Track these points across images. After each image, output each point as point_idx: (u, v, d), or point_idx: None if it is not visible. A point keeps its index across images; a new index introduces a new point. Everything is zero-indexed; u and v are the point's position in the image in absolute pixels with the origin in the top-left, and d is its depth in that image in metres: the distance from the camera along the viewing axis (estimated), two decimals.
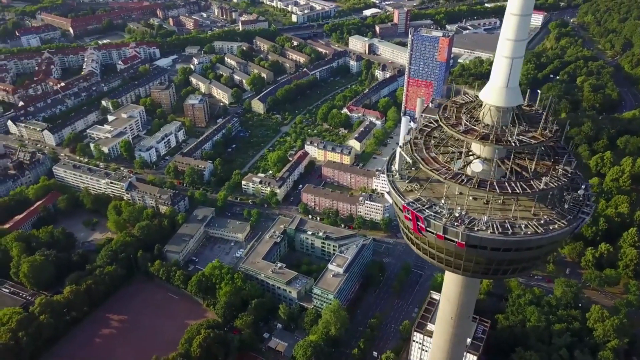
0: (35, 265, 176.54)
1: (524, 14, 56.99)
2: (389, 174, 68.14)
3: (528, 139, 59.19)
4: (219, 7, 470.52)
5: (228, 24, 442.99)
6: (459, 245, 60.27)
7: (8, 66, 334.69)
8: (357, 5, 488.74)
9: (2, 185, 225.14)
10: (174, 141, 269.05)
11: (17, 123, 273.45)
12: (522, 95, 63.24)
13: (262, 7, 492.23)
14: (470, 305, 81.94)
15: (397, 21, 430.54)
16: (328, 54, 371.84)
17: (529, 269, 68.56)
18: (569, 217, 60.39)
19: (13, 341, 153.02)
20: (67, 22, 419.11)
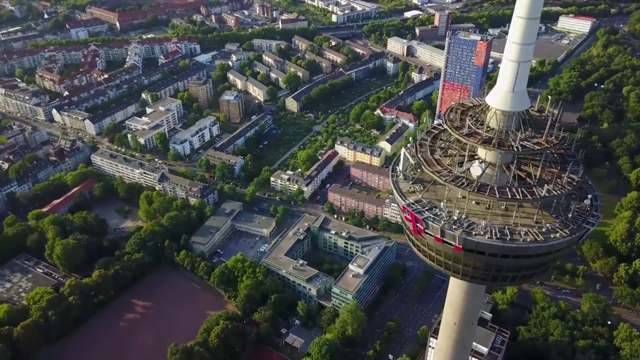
0: (68, 249, 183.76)
1: (531, 17, 55.93)
2: (393, 174, 68.08)
3: (532, 145, 58.06)
4: (260, 5, 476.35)
5: (268, 22, 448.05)
6: (456, 248, 59.67)
7: (57, 57, 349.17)
8: (398, 7, 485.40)
9: (43, 171, 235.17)
10: (208, 135, 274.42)
11: (61, 112, 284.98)
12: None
13: (303, 7, 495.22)
14: (474, 312, 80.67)
15: (438, 24, 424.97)
16: (365, 54, 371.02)
17: (530, 277, 67.07)
18: (571, 227, 58.84)
19: (43, 319, 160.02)
20: (114, 16, 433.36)
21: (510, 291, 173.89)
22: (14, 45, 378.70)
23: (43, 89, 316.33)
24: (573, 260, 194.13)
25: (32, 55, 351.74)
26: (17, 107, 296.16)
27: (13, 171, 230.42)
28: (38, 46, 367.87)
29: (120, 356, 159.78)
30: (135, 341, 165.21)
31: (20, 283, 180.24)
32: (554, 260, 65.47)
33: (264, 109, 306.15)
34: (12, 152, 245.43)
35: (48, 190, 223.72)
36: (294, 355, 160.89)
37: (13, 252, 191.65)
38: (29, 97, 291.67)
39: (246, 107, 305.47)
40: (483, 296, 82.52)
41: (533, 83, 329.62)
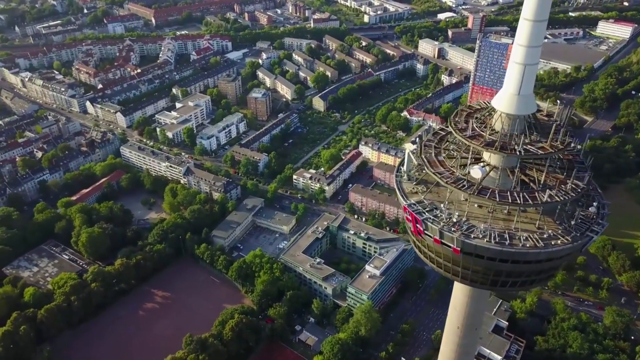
0: (93, 237, 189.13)
1: (537, 19, 54.91)
2: (397, 174, 67.86)
3: (535, 149, 56.99)
4: (293, 4, 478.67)
5: (300, 21, 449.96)
6: (454, 251, 59.15)
7: (93, 51, 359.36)
8: (431, 9, 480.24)
9: (74, 161, 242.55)
10: (235, 132, 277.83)
11: (95, 104, 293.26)
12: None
13: (336, 6, 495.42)
14: (477, 316, 79.58)
15: (472, 26, 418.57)
16: (395, 55, 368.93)
17: (532, 283, 65.78)
18: (574, 234, 57.50)
19: (66, 304, 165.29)
20: (150, 12, 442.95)
21: (529, 300, 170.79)
22: (54, 38, 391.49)
23: (79, 81, 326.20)
24: (598, 272, 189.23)
25: (70, 48, 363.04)
26: (53, 99, 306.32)
27: (46, 160, 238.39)
28: (76, 40, 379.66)
29: (138, 344, 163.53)
30: (152, 330, 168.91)
31: (46, 268, 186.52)
32: (557, 267, 64.03)
33: (291, 107, 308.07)
34: (46, 141, 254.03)
35: (78, 180, 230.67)
36: (306, 352, 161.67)
37: (42, 237, 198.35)
38: (65, 89, 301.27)
39: (274, 105, 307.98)
40: (487, 301, 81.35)
41: (567, 89, 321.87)
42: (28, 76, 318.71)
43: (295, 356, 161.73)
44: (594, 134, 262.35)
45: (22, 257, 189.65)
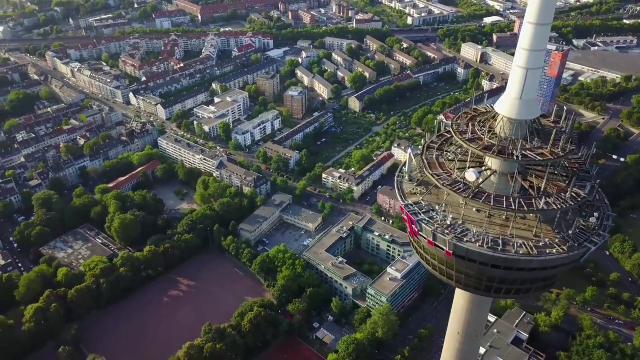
0: (125, 223, 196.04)
1: (541, 23, 53.75)
2: (399, 174, 67.77)
3: (533, 155, 55.79)
4: (337, 4, 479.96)
5: (343, 21, 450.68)
6: (446, 253, 58.65)
7: (140, 44, 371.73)
8: (477, 12, 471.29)
9: (113, 149, 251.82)
10: (270, 128, 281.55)
11: (137, 95, 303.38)
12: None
13: (380, 7, 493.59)
14: (478, 324, 78.20)
15: (518, 31, 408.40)
16: (436, 58, 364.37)
17: (527, 291, 64.04)
18: (570, 244, 55.93)
19: (95, 285, 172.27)
20: (197, 8, 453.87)
21: (555, 314, 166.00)
22: (104, 31, 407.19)
23: (124, 73, 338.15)
24: (633, 290, 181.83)
25: (118, 41, 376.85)
26: (99, 89, 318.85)
27: (87, 147, 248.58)
28: (125, 33, 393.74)
29: (159, 328, 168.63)
30: (175, 316, 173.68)
31: (80, 250, 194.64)
32: (553, 276, 62.33)
33: (326, 106, 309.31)
34: (89, 129, 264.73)
35: (116, 168, 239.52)
36: (322, 350, 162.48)
37: (78, 221, 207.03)
38: (110, 80, 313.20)
39: (310, 103, 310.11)
40: (489, 308, 79.86)
41: (614, 99, 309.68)
42: (77, 66, 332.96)
43: (311, 353, 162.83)
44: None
45: (59, 239, 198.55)
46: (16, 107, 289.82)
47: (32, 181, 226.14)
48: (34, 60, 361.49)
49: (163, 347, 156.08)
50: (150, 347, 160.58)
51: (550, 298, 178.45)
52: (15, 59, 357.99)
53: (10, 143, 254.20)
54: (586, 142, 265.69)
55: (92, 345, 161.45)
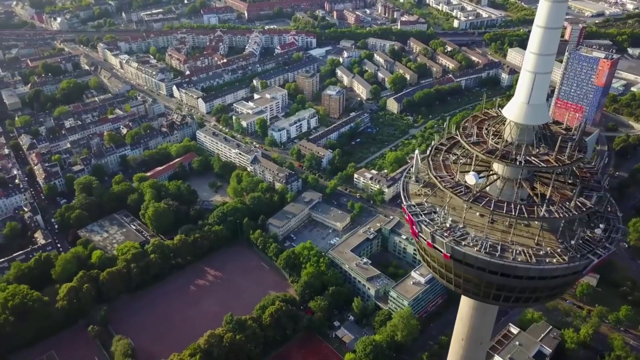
0: (159, 212, 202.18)
1: (550, 27, 52.34)
2: (406, 175, 67.44)
3: (537, 162, 54.39)
4: (383, 5, 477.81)
5: (388, 22, 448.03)
6: (444, 256, 58.01)
7: (186, 39, 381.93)
8: (528, 17, 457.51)
9: (153, 140, 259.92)
10: (306, 126, 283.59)
11: (180, 89, 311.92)
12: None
13: (426, 9, 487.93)
14: (482, 331, 76.62)
15: (569, 38, 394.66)
16: (480, 63, 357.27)
17: (527, 301, 62.29)
18: (571, 255, 54.21)
19: (126, 270, 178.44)
20: (244, 6, 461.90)
21: (584, 331, 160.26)
22: (154, 25, 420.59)
23: (169, 66, 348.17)
24: None
25: (166, 35, 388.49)
26: (145, 81, 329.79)
27: (129, 136, 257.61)
28: (173, 28, 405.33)
29: (184, 316, 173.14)
30: (200, 305, 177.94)
31: (115, 235, 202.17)
32: (555, 287, 60.31)
33: (364, 107, 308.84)
34: (132, 119, 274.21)
35: (154, 158, 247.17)
36: (341, 349, 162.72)
37: (115, 207, 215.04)
38: (156, 73, 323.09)
39: (348, 103, 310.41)
40: (493, 317, 78.20)
41: None
42: (126, 58, 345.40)
43: (330, 351, 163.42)
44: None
45: (96, 223, 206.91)
46: (67, 95, 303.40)
47: (75, 166, 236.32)
48: (87, 51, 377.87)
49: (186, 334, 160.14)
50: (174, 333, 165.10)
51: (581, 314, 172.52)
52: (70, 50, 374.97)
53: (59, 129, 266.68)
54: (634, 154, 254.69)
55: (119, 326, 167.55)
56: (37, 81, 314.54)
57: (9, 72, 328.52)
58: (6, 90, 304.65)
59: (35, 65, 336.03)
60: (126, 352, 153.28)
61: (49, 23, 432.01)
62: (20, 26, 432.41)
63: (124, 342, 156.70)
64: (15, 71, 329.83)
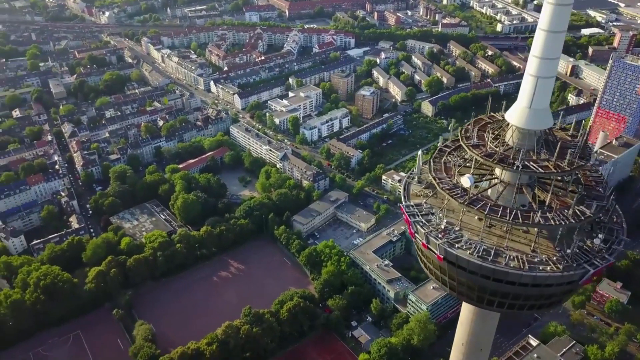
0: (187, 203, 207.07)
1: (553, 30, 51.10)
2: (409, 175, 67.17)
3: (535, 167, 53.18)
4: (425, 7, 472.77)
5: (429, 24, 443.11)
6: (438, 258, 57.54)
7: (227, 36, 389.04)
8: (576, 22, 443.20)
9: (188, 133, 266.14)
10: (338, 126, 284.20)
11: (217, 84, 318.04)
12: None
13: (470, 12, 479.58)
14: (483, 336, 75.16)
15: (618, 45, 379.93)
16: (521, 68, 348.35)
17: (522, 308, 60.79)
18: (566, 264, 52.72)
19: (152, 257, 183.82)
20: (286, 4, 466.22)
21: (609, 349, 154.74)
22: (197, 21, 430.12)
23: (209, 62, 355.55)
24: None
25: (207, 32, 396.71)
26: (184, 75, 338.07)
27: (165, 129, 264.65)
28: (214, 24, 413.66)
29: (205, 306, 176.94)
30: (221, 296, 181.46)
31: (144, 223, 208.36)
32: (551, 296, 58.64)
33: (398, 108, 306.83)
34: (169, 112, 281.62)
35: (188, 150, 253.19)
36: (356, 349, 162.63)
37: (147, 196, 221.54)
38: (195, 68, 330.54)
39: (382, 104, 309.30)
40: (495, 323, 76.55)
41: None
42: (167, 53, 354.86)
43: (345, 350, 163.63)
44: None
45: (127, 211, 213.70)
46: (109, 86, 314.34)
47: (112, 155, 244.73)
48: (131, 44, 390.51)
49: (205, 324, 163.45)
50: (194, 322, 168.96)
51: (608, 331, 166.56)
52: (115, 43, 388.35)
53: (99, 119, 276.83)
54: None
55: (142, 312, 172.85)
56: (83, 72, 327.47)
57: (57, 62, 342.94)
58: (53, 79, 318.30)
59: (81, 57, 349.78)
60: (147, 336, 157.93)
61: (97, 17, 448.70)
62: (71, 19, 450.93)
63: (145, 327, 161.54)
64: (63, 62, 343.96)
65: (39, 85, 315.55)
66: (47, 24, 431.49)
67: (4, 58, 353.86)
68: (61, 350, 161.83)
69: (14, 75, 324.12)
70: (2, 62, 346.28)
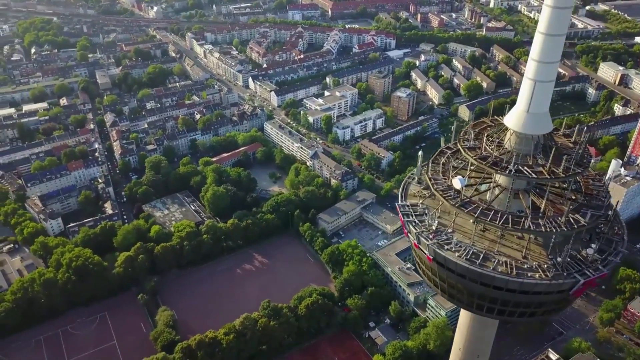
0: (217, 195, 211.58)
1: (551, 33, 49.79)
2: (410, 175, 66.92)
3: (528, 171, 52.02)
4: (470, 10, 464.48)
5: (473, 27, 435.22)
6: (428, 259, 57.16)
7: (268, 33, 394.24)
8: (630, 30, 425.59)
9: (223, 127, 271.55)
10: (371, 127, 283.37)
11: (255, 81, 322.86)
12: None
13: (517, 16, 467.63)
14: (480, 343, 73.75)
15: None
16: (566, 75, 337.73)
17: (512, 315, 59.36)
18: (555, 272, 51.33)
19: (179, 246, 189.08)
20: (329, 4, 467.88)
21: None
22: (241, 19, 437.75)
23: (249, 59, 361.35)
24: None
25: (250, 29, 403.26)
26: (224, 71, 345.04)
27: (201, 122, 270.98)
28: (257, 22, 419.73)
29: (226, 297, 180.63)
30: (243, 288, 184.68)
31: (175, 213, 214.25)
32: (542, 304, 56.96)
33: (434, 112, 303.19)
34: (207, 106, 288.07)
35: (222, 144, 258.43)
36: (372, 350, 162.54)
37: (179, 187, 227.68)
38: (235, 64, 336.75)
39: (418, 106, 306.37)
40: (493, 330, 75.04)
41: None
42: (210, 49, 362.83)
43: (360, 350, 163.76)
44: None
45: (159, 200, 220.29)
46: (152, 79, 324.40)
47: (149, 146, 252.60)
48: (176, 39, 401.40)
49: (225, 314, 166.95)
50: (214, 311, 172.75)
51: (637, 352, 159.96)
52: (160, 37, 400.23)
53: (140, 110, 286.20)
54: None
55: (166, 298, 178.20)
56: (128, 64, 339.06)
57: (105, 54, 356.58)
58: (100, 70, 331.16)
59: (128, 50, 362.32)
60: (168, 322, 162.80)
61: (146, 11, 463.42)
62: (121, 13, 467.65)
63: (167, 313, 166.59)
64: (111, 54, 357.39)
65: (86, 76, 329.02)
66: (98, 17, 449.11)
67: (57, 49, 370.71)
68: (88, 330, 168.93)
69: (64, 65, 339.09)
70: (55, 53, 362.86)
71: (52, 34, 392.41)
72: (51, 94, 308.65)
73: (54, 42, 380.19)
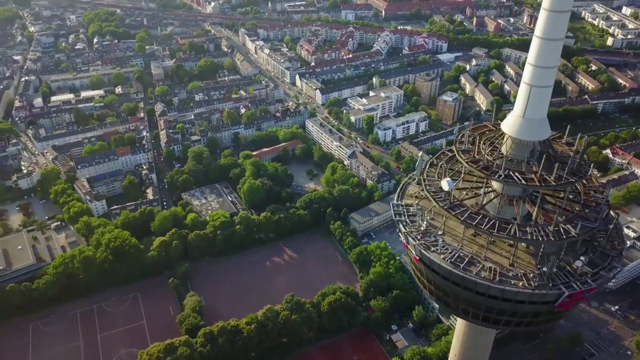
0: (252, 188, 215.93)
1: (549, 37, 48.24)
2: (410, 176, 66.45)
3: (518, 177, 50.58)
4: (530, 14, 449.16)
5: (531, 33, 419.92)
6: (414, 259, 56.69)
7: (320, 32, 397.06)
8: None
9: (266, 122, 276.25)
10: (414, 129, 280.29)
11: (302, 78, 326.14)
12: None
13: (579, 24, 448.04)
14: (475, 351, 71.75)
15: None
16: (627, 87, 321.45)
17: (497, 322, 57.54)
18: (539, 282, 49.64)
19: (212, 235, 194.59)
20: (383, 4, 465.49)
21: None
22: (294, 16, 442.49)
23: (298, 56, 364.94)
24: None
25: (302, 27, 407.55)
26: (273, 67, 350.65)
27: (245, 117, 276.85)
28: (310, 20, 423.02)
29: (253, 287, 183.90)
30: (270, 280, 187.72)
31: (212, 202, 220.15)
32: (526, 314, 54.99)
33: (481, 117, 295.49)
34: (252, 101, 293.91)
35: (263, 139, 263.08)
36: (392, 353, 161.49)
37: (218, 177, 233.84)
38: (284, 61, 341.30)
39: (465, 111, 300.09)
40: (490, 339, 72.92)
41: None
42: (261, 45, 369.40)
43: (380, 351, 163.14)
44: None
45: (198, 189, 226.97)
46: (203, 72, 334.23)
47: (194, 136, 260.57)
48: (229, 34, 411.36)
49: (250, 304, 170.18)
50: (240, 301, 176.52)
51: None
52: (215, 32, 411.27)
53: (188, 102, 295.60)
54: None
55: (195, 284, 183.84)
56: (182, 57, 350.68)
57: (161, 46, 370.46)
58: (155, 62, 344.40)
59: (183, 43, 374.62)
60: (195, 307, 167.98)
61: (204, 6, 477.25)
62: (180, 7, 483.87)
63: (195, 298, 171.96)
64: (166, 46, 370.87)
65: (141, 66, 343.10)
66: (158, 10, 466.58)
67: (117, 39, 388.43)
68: (120, 308, 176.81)
69: (122, 55, 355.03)
70: (115, 43, 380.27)
71: (114, 25, 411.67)
72: (108, 82, 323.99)
73: (115, 33, 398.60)
